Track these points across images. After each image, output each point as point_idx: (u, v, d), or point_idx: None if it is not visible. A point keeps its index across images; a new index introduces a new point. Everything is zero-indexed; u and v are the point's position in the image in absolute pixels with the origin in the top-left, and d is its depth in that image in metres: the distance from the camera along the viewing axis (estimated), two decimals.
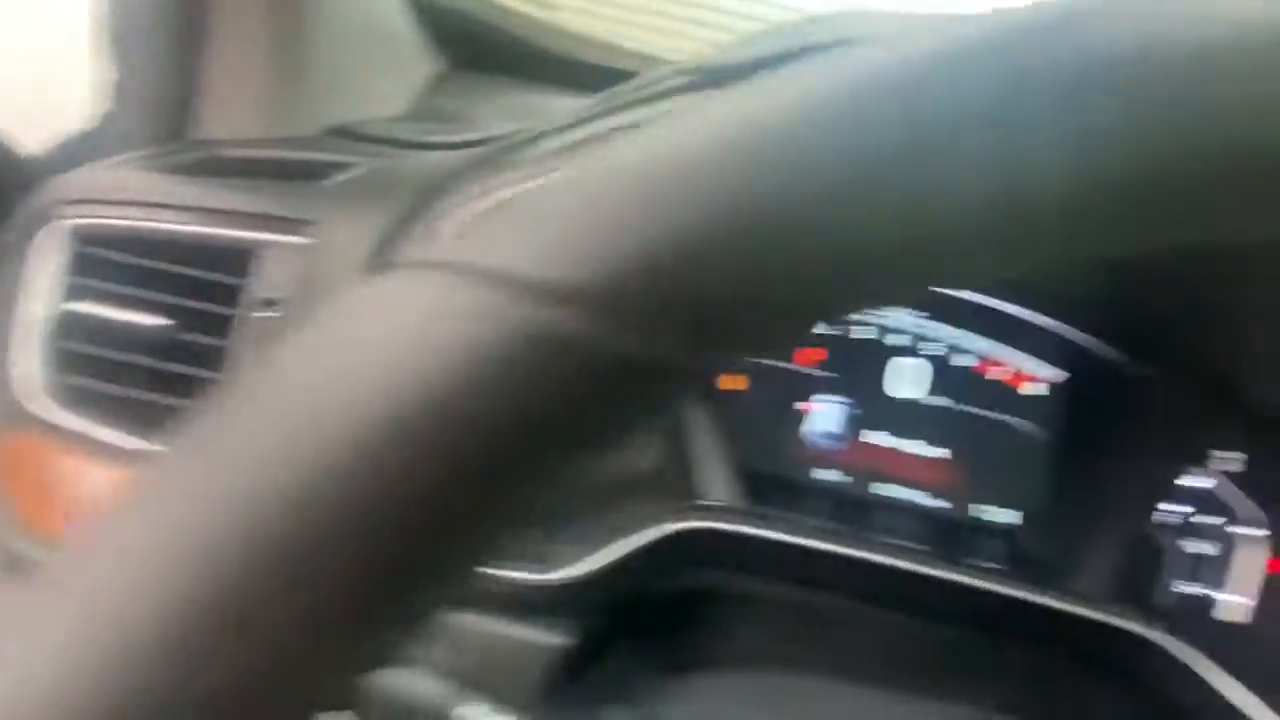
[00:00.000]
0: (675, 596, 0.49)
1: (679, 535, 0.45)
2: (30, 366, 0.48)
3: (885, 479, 0.55)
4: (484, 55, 0.64)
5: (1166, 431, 0.52)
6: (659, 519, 0.46)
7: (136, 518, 0.13)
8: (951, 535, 0.54)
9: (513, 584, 0.43)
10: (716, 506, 0.50)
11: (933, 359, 0.55)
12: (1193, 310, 0.51)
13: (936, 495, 0.54)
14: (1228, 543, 0.52)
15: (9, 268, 0.49)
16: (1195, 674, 0.40)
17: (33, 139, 0.59)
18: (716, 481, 0.50)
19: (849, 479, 0.55)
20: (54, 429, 0.46)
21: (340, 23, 0.58)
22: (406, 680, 0.30)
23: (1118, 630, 0.43)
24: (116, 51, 0.60)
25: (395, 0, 0.62)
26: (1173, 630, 0.48)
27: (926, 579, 0.46)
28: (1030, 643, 0.46)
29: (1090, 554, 0.51)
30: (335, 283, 0.47)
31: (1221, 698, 0.40)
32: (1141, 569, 0.53)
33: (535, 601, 0.42)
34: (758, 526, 0.48)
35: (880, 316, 0.55)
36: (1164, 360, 0.52)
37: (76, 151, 0.60)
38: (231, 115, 0.56)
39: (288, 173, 0.53)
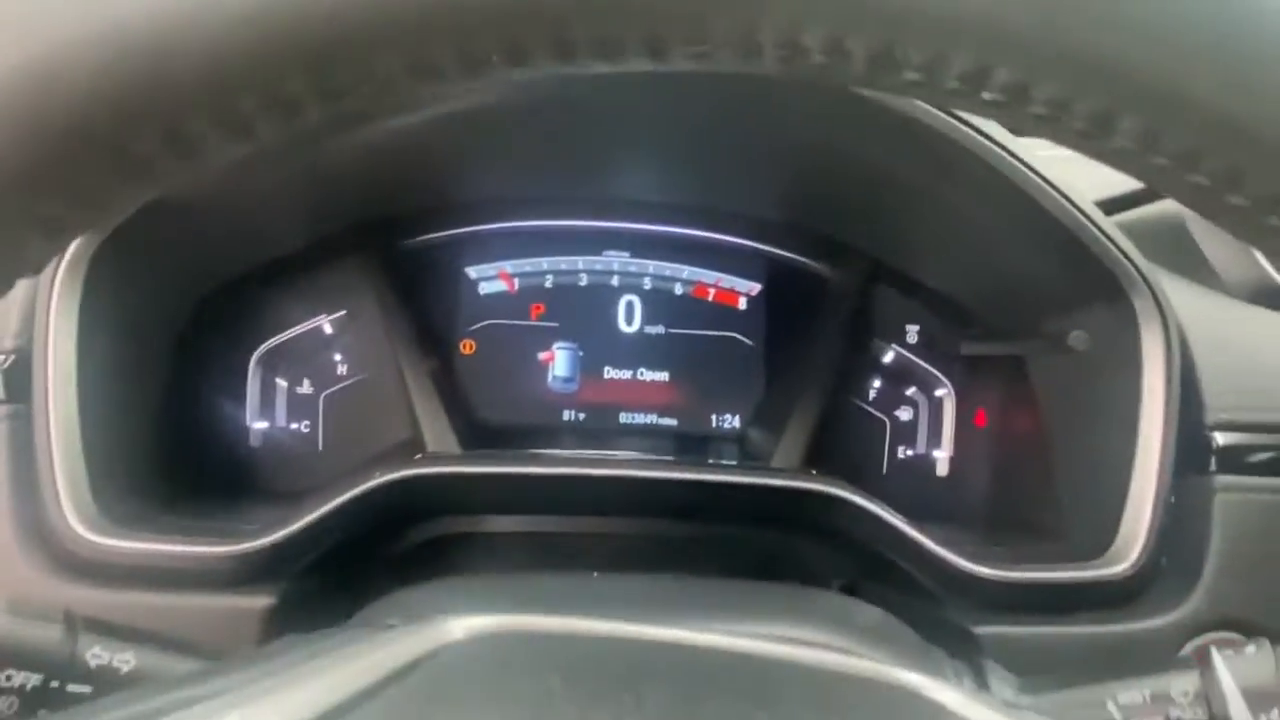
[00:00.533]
0: (413, 553, 0.52)
1: (393, 487, 0.48)
2: None
3: (624, 408, 0.61)
4: None
5: (854, 320, 0.61)
6: (368, 478, 0.48)
7: None
8: (688, 448, 0.61)
9: (205, 558, 0.43)
10: (435, 456, 0.53)
11: (644, 293, 0.61)
12: (861, 218, 0.59)
13: (666, 414, 0.61)
14: (925, 407, 0.61)
15: None
16: (886, 521, 0.48)
17: None
18: (440, 435, 0.54)
19: (592, 414, 0.60)
20: None
21: None
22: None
23: (820, 493, 0.50)
24: None
25: None
26: (891, 489, 0.57)
27: (656, 482, 0.51)
28: (753, 520, 0.53)
29: (804, 436, 0.58)
30: None
31: (921, 548, 0.48)
32: (857, 442, 0.61)
33: (233, 571, 0.43)
34: (475, 465, 0.51)
35: (593, 263, 0.61)
36: (843, 261, 0.61)
37: None
38: None
39: None
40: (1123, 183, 0.61)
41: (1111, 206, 0.60)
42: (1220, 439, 0.45)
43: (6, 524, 0.41)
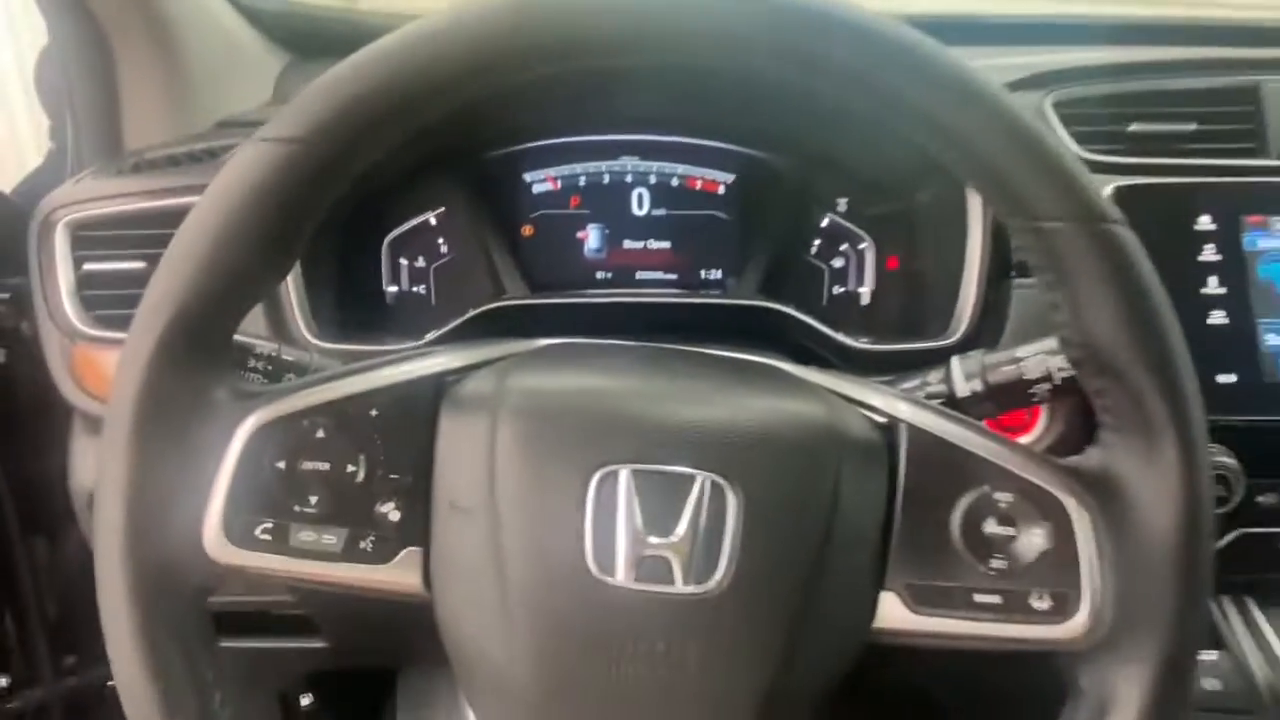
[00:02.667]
0: None
1: (483, 315, 0.73)
2: (70, 308, 0.72)
3: (639, 268, 0.86)
4: (321, 45, 0.90)
5: (799, 196, 0.84)
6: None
7: None
8: (694, 295, 0.86)
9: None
10: (513, 296, 0.80)
11: (650, 186, 0.85)
12: (798, 124, 0.82)
13: (669, 271, 0.86)
14: (854, 256, 0.85)
15: (36, 259, 0.73)
16: (811, 327, 0.73)
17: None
18: (514, 288, 0.81)
19: (617, 273, 0.86)
20: (92, 339, 0.72)
21: (206, 46, 0.82)
22: None
23: (764, 308, 0.74)
24: (45, 104, 0.83)
25: (239, 19, 0.86)
26: (830, 315, 0.81)
27: (661, 306, 0.77)
28: (727, 333, 0.78)
29: (760, 279, 0.83)
30: None
31: (830, 339, 0.73)
32: (805, 283, 0.86)
33: None
34: (540, 299, 0.78)
35: (613, 166, 0.85)
36: (790, 153, 0.84)
37: (36, 184, 0.84)
38: (147, 128, 0.80)
39: (196, 156, 0.78)
40: None
41: None
42: (1015, 256, 0.69)
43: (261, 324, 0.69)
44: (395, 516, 0.43)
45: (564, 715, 0.42)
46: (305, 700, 1.11)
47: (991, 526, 0.43)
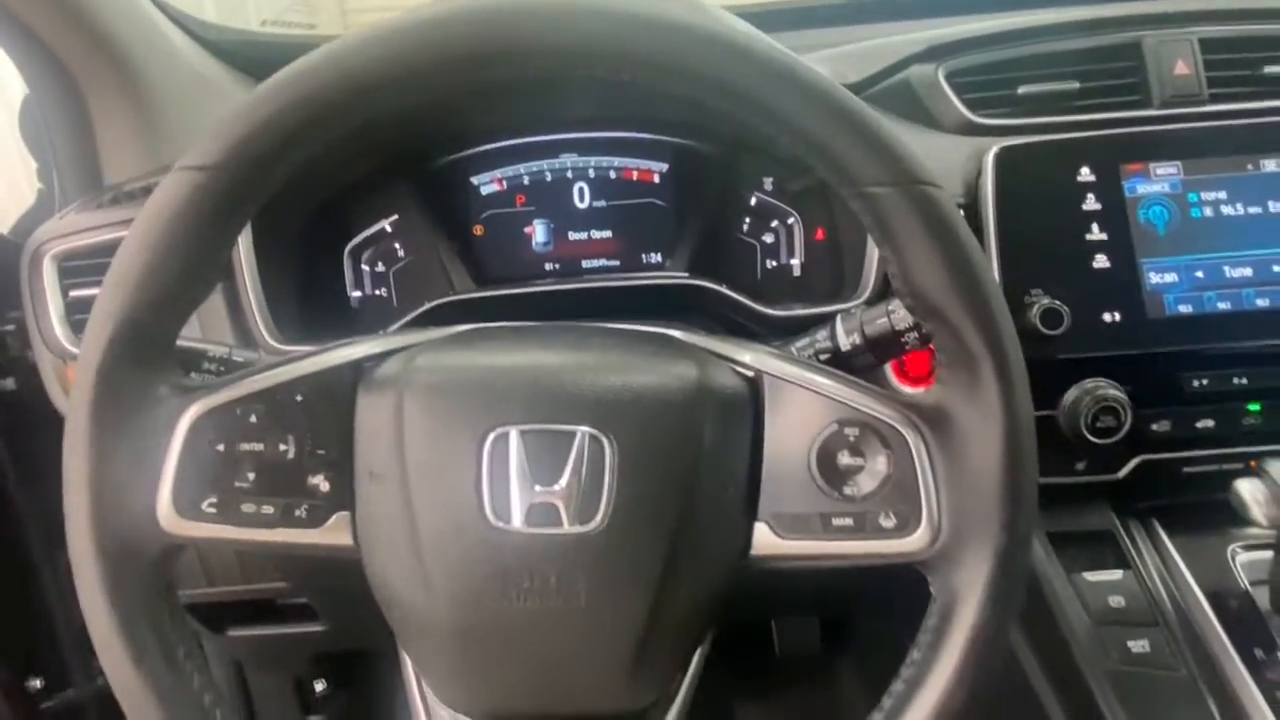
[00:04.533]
0: None
1: (433, 311, 0.80)
2: (59, 332, 0.80)
3: (584, 257, 0.92)
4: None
5: (728, 179, 0.90)
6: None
7: None
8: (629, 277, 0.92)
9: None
10: (457, 293, 0.86)
11: (590, 180, 0.91)
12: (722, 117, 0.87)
13: (611, 258, 0.92)
14: (783, 231, 0.91)
15: (28, 290, 0.81)
16: (735, 300, 0.78)
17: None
18: (465, 286, 0.87)
19: (563, 263, 0.92)
20: None
21: (172, 82, 0.89)
22: None
23: (696, 286, 0.80)
24: (30, 149, 0.91)
25: (201, 52, 0.94)
26: (763, 289, 0.87)
27: (603, 290, 0.83)
28: (663, 311, 0.84)
29: (704, 260, 0.89)
30: None
31: (752, 309, 0.79)
32: (738, 259, 0.91)
33: None
34: (488, 291, 0.84)
35: (554, 164, 0.91)
36: (716, 142, 0.90)
37: (31, 222, 0.91)
38: (122, 164, 0.88)
39: None
40: None
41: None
42: None
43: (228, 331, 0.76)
44: (325, 486, 0.50)
45: (477, 646, 0.48)
46: (320, 686, 1.19)
47: (844, 458, 0.49)
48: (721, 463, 0.49)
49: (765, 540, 0.49)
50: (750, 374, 0.52)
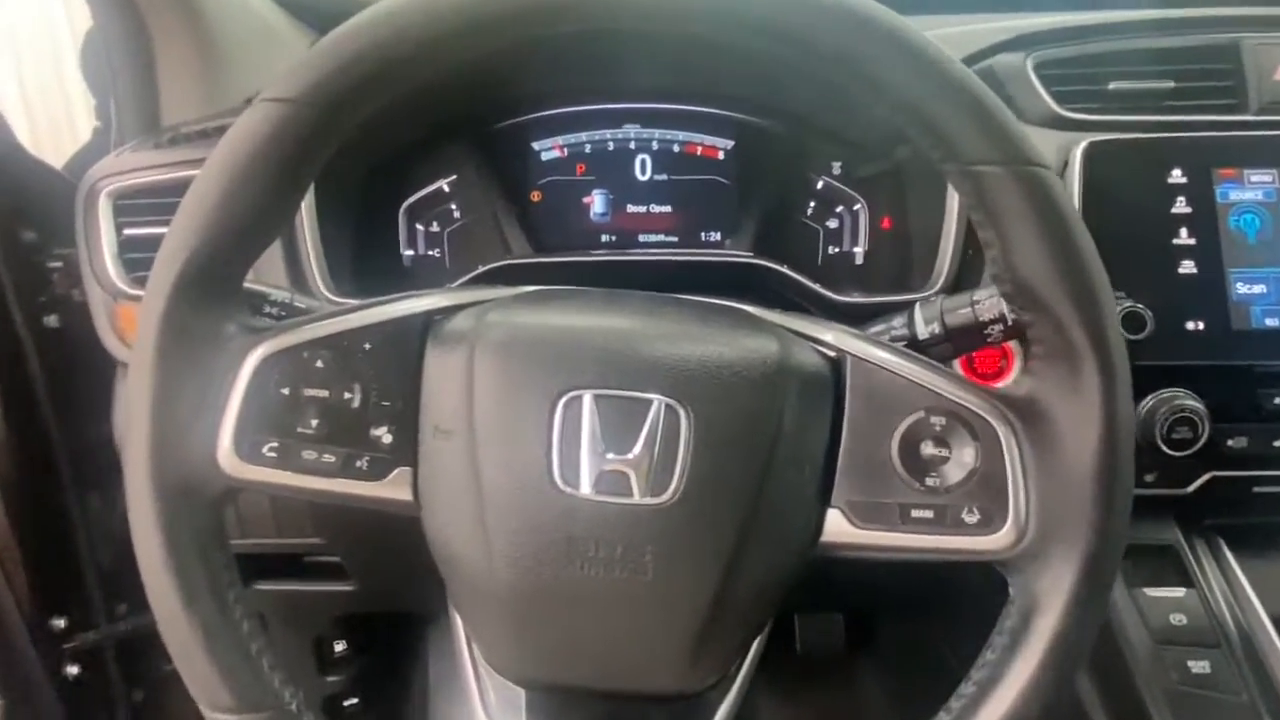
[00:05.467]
0: None
1: (489, 274, 0.79)
2: (113, 270, 0.79)
3: (641, 231, 0.90)
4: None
5: (794, 161, 0.88)
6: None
7: None
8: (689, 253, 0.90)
9: None
10: (515, 257, 0.85)
11: (653, 152, 0.89)
12: (793, 93, 0.85)
13: (670, 234, 0.90)
14: (848, 217, 0.89)
15: (82, 226, 0.80)
16: (801, 283, 0.76)
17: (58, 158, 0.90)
18: (522, 252, 0.86)
19: (620, 236, 0.90)
20: (133, 298, 0.79)
21: (236, 27, 0.88)
22: None
23: (762, 266, 0.78)
24: (90, 85, 0.90)
25: (270, 3, 0.92)
26: (824, 275, 0.85)
27: (661, 263, 0.81)
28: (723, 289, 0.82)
29: (764, 242, 0.87)
30: None
31: (819, 294, 0.77)
32: (800, 244, 0.89)
33: None
34: (542, 258, 0.83)
35: (617, 133, 0.89)
36: (786, 121, 0.87)
37: (84, 159, 0.90)
38: (182, 106, 0.86)
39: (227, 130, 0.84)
40: None
41: None
42: None
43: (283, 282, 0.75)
44: (388, 439, 0.48)
45: (535, 613, 0.47)
46: (339, 646, 1.18)
47: (928, 448, 0.47)
48: (799, 443, 0.47)
49: (838, 528, 0.47)
50: (832, 354, 0.50)
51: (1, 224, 0.93)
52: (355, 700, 1.21)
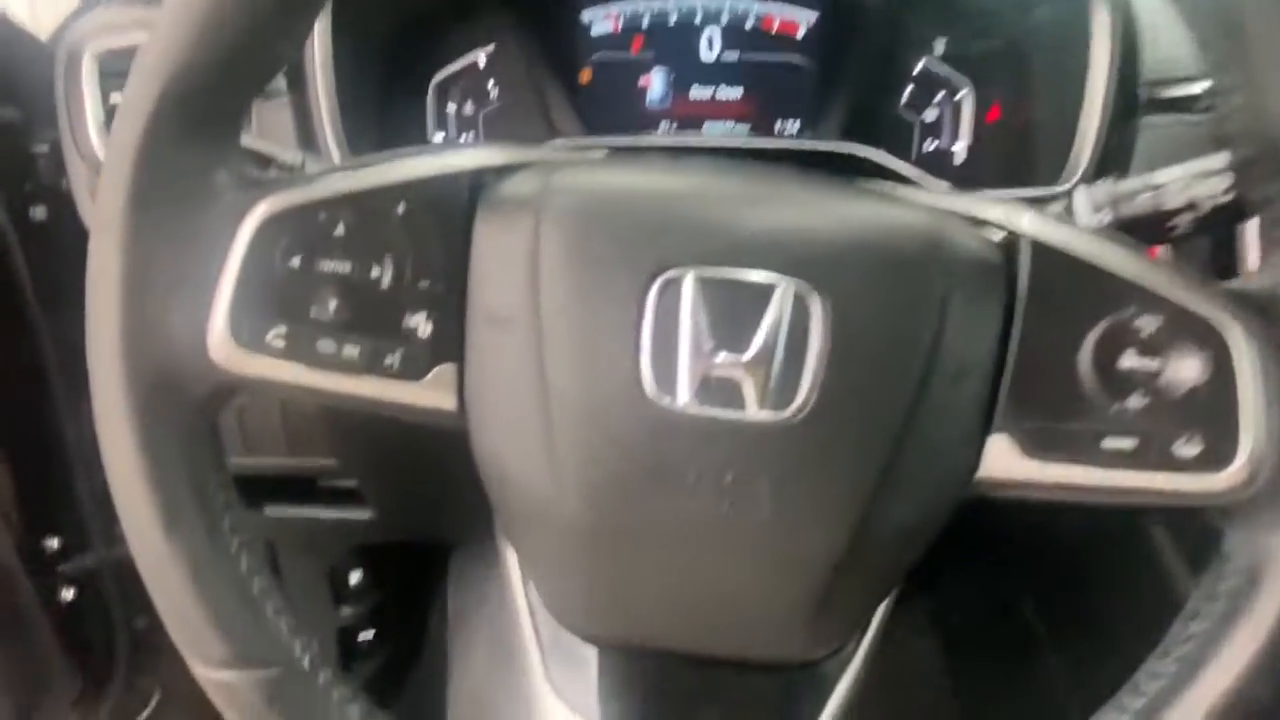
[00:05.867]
0: None
1: None
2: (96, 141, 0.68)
3: (707, 118, 0.78)
4: None
5: (890, 39, 0.75)
6: None
7: None
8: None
9: None
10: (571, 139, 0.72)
11: (722, 27, 0.77)
12: None
13: (740, 122, 0.78)
14: (949, 108, 0.76)
15: (63, 91, 0.69)
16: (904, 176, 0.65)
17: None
18: (569, 130, 0.74)
19: (683, 123, 0.78)
20: None
21: None
22: None
23: (857, 155, 0.67)
24: None
25: None
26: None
27: (740, 151, 0.69)
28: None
29: (849, 135, 0.75)
30: None
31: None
32: (891, 138, 0.77)
33: None
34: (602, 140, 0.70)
35: (681, 3, 0.77)
36: None
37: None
38: None
39: None
40: None
41: None
42: (1144, 92, 0.60)
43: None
44: (426, 330, 0.38)
45: (614, 552, 0.37)
46: (354, 577, 1.10)
47: (1130, 359, 0.36)
48: (961, 348, 0.36)
49: (1005, 459, 0.37)
50: (1002, 237, 0.39)
51: None
52: (371, 634, 1.14)
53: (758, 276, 0.35)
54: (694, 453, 0.35)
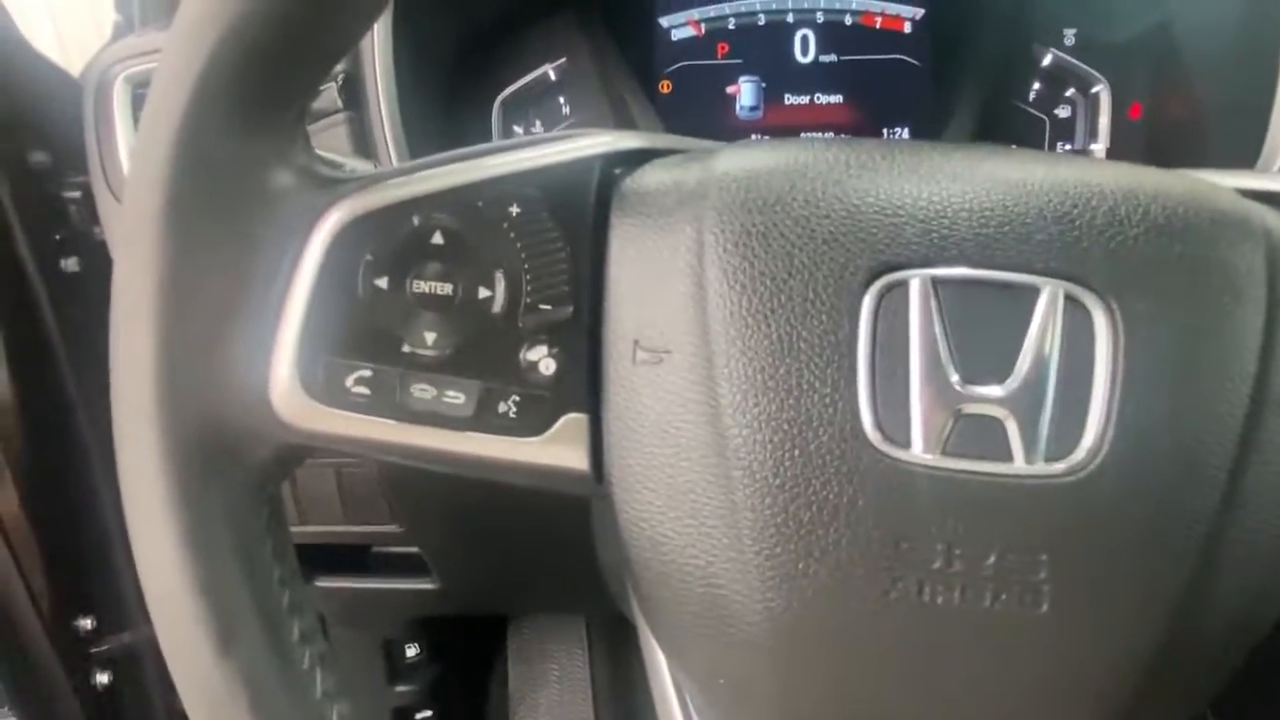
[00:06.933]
0: None
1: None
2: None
3: (804, 128, 0.70)
4: None
5: (1013, 30, 0.67)
6: None
7: None
8: None
9: None
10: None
11: (817, 26, 0.69)
12: None
13: (842, 131, 0.69)
14: (1083, 104, 0.67)
15: (92, 120, 0.62)
16: None
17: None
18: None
19: (776, 135, 0.70)
20: None
21: None
22: None
23: None
24: None
25: None
26: None
27: None
28: None
29: (963, 137, 0.66)
30: None
31: None
32: (1018, 141, 0.68)
33: None
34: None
35: (769, 3, 0.69)
36: None
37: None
38: None
39: None
40: None
41: None
42: None
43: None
44: (549, 366, 0.29)
45: (823, 666, 0.27)
46: (411, 651, 1.01)
47: None
48: None
49: None
50: None
51: (5, 143, 0.76)
52: (429, 714, 1.04)
53: (1016, 276, 0.26)
54: (940, 524, 0.25)
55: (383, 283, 0.28)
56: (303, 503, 0.70)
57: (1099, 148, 0.66)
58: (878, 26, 0.68)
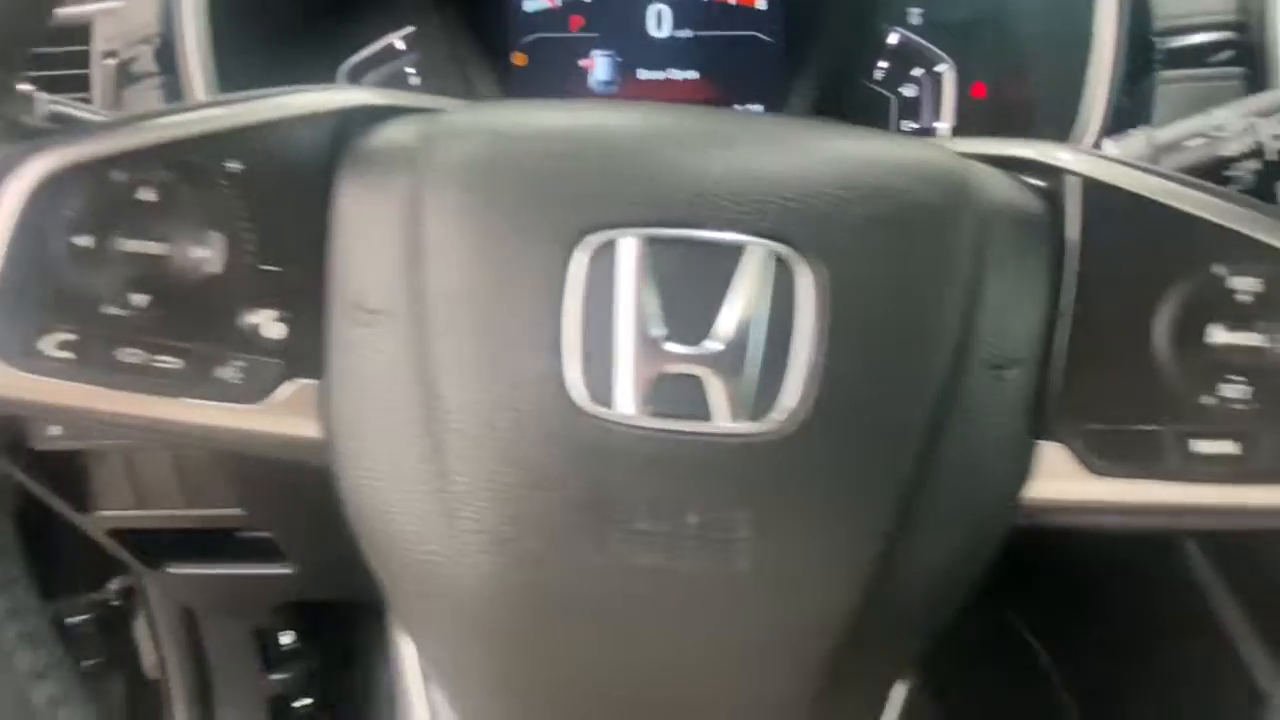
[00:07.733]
0: None
1: None
2: None
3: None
4: None
5: (860, 9, 0.67)
6: None
7: None
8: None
9: None
10: None
11: (672, 2, 0.68)
12: None
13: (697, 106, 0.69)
14: (929, 83, 0.68)
15: None
16: None
17: None
18: None
19: None
20: None
21: None
22: None
23: None
24: None
25: None
26: None
27: None
28: None
29: (819, 115, 0.66)
30: None
31: None
32: (865, 117, 0.69)
33: None
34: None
35: None
36: None
37: None
38: None
39: None
40: None
41: None
42: (1160, 43, 0.52)
43: None
44: (274, 330, 0.28)
45: (534, 627, 0.27)
46: (285, 639, 0.98)
47: (1221, 333, 0.27)
48: (999, 326, 0.27)
49: (1063, 475, 0.27)
50: (1045, 183, 0.30)
51: None
52: (308, 700, 1.02)
53: (722, 235, 0.26)
54: (642, 483, 0.25)
55: (86, 240, 0.27)
56: (141, 484, 0.67)
57: (944, 126, 0.67)
58: (732, 3, 0.68)
